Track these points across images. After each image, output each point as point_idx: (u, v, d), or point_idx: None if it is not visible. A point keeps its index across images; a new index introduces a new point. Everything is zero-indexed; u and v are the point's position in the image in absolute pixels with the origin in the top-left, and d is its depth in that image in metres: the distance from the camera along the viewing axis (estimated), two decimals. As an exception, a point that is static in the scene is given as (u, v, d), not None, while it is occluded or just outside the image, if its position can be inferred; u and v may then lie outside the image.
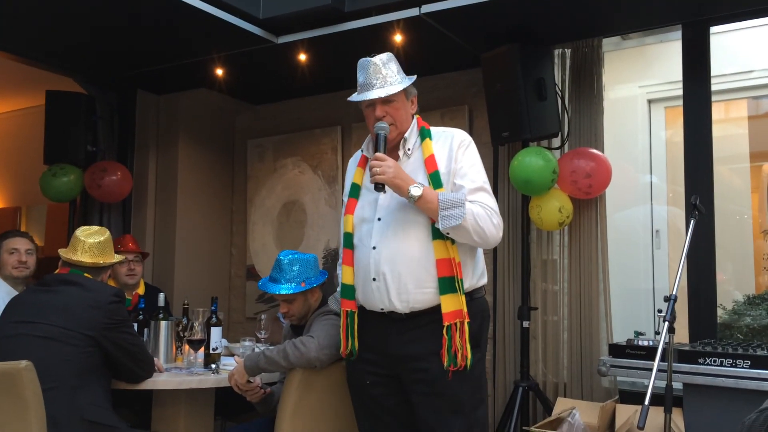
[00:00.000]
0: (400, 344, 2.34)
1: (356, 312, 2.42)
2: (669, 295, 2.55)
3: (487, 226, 2.27)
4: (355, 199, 2.48)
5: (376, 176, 2.26)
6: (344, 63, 4.41)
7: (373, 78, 2.40)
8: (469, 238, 2.26)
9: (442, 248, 2.28)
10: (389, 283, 2.31)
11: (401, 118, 2.42)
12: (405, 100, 2.44)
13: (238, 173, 5.38)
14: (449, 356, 2.25)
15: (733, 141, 4.53)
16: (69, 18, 3.70)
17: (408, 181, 2.26)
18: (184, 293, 4.38)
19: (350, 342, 2.42)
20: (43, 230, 6.94)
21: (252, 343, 3.34)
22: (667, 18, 3.73)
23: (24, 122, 6.42)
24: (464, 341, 2.24)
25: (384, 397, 2.43)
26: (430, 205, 2.24)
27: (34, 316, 2.67)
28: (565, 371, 3.83)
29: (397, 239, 2.32)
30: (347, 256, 2.43)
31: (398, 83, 2.39)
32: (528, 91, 3.68)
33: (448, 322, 2.25)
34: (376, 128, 2.38)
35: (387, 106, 2.39)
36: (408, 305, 2.31)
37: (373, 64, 2.42)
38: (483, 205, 2.30)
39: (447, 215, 2.21)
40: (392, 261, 2.31)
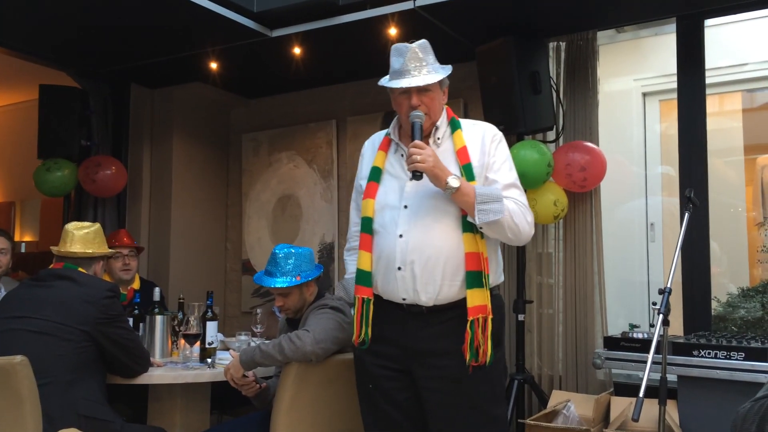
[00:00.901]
0: (418, 339, 2.27)
1: (372, 300, 2.32)
2: (663, 288, 2.55)
3: (522, 223, 2.25)
4: (376, 183, 2.40)
5: (416, 164, 2.19)
6: (339, 56, 4.43)
7: (411, 65, 2.31)
8: (502, 234, 2.24)
9: (472, 242, 2.22)
10: (416, 273, 2.24)
11: (435, 109, 2.35)
12: (439, 90, 2.37)
13: (233, 167, 5.37)
14: (471, 351, 2.19)
15: (728, 134, 4.54)
16: (62, 12, 3.67)
17: (446, 171, 2.21)
18: (180, 288, 4.38)
19: (363, 330, 2.32)
20: (37, 225, 6.92)
21: (248, 338, 3.34)
22: (661, 11, 3.73)
23: (17, 117, 6.39)
24: (486, 337, 2.19)
25: (395, 391, 2.35)
26: (467, 198, 2.18)
27: (28, 311, 2.66)
28: (560, 364, 3.84)
29: (426, 228, 2.26)
30: (365, 241, 2.33)
31: (436, 72, 2.32)
32: (523, 84, 3.68)
33: (473, 316, 2.19)
34: (411, 117, 2.30)
35: (423, 95, 2.32)
36: (433, 297, 2.25)
37: (411, 50, 2.32)
38: (517, 202, 2.27)
39: (485, 209, 2.17)
40: (421, 251, 2.24)
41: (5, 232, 3.81)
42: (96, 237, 2.93)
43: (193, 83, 4.89)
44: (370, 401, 2.42)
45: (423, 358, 2.27)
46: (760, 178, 4.35)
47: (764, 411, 1.43)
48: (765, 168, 4.35)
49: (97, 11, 3.66)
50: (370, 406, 2.43)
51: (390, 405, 2.37)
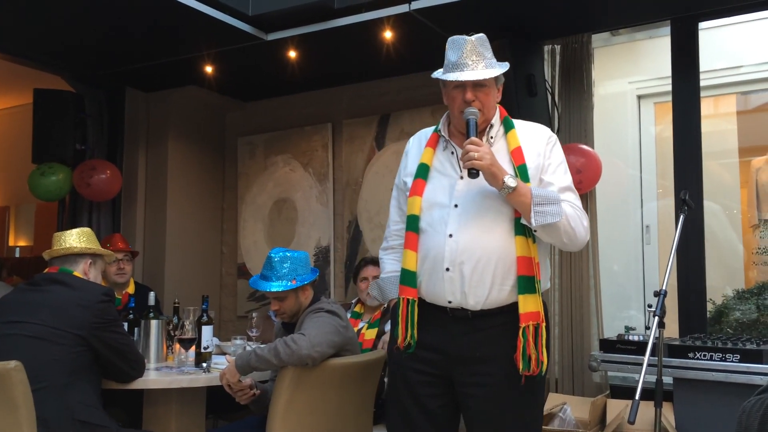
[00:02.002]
0: (462, 345, 2.17)
1: (417, 301, 2.21)
2: (659, 290, 2.55)
3: (578, 227, 2.16)
4: (424, 181, 2.27)
5: (473, 161, 2.09)
6: (334, 59, 4.44)
7: (468, 58, 2.20)
8: (558, 238, 2.16)
9: (525, 245, 2.14)
10: (465, 275, 2.14)
11: (489, 105, 2.26)
12: (495, 87, 2.28)
13: (229, 171, 5.36)
14: (524, 360, 2.09)
15: (722, 136, 4.56)
16: (57, 16, 3.67)
17: (503, 170, 2.12)
18: (175, 292, 4.37)
19: (409, 333, 2.20)
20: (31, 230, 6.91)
21: (243, 342, 3.33)
22: (655, 14, 3.74)
23: (12, 121, 6.39)
24: (540, 345, 2.10)
25: (429, 398, 2.23)
26: (524, 199, 2.09)
27: (23, 315, 2.65)
28: (556, 366, 3.84)
29: (478, 229, 2.16)
30: (411, 240, 2.22)
31: (493, 67, 2.22)
32: (518, 86, 3.68)
33: (525, 323, 2.10)
34: (466, 113, 2.20)
35: (478, 90, 2.21)
36: (481, 301, 2.15)
37: (469, 42, 2.21)
38: (573, 206, 2.18)
39: (542, 211, 2.08)
40: (472, 252, 2.14)
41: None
42: (91, 236, 2.94)
43: (189, 87, 4.89)
44: (400, 406, 2.29)
45: (466, 364, 2.18)
46: (755, 180, 4.36)
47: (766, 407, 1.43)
48: (759, 170, 4.36)
49: (91, 15, 3.66)
50: (400, 411, 2.30)
51: (421, 412, 2.24)
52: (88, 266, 2.88)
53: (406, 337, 2.20)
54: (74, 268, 2.83)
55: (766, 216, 4.30)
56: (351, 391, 2.82)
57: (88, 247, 2.88)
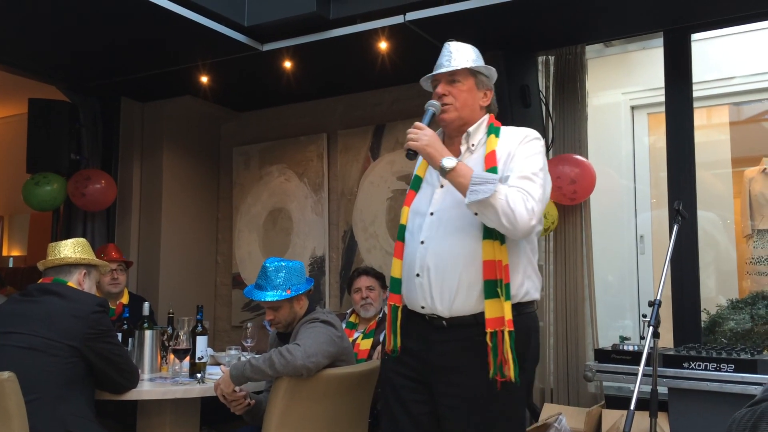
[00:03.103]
0: (439, 354, 2.19)
1: (400, 307, 2.28)
2: (653, 300, 2.56)
3: (519, 208, 2.05)
4: (415, 192, 2.36)
5: (408, 143, 2.15)
6: (329, 70, 4.45)
7: (443, 58, 2.29)
8: (496, 219, 2.06)
9: (490, 249, 2.12)
10: (432, 280, 2.17)
11: (463, 102, 2.27)
12: (474, 87, 2.30)
13: (224, 181, 5.36)
14: (494, 366, 2.08)
15: (715, 147, 4.58)
16: (52, 26, 3.67)
17: (443, 153, 2.13)
18: (169, 302, 4.35)
19: (394, 338, 2.27)
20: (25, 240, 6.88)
21: (238, 352, 3.32)
22: (648, 25, 3.77)
23: (6, 131, 6.38)
24: (505, 352, 2.07)
25: (413, 403, 2.26)
26: (462, 180, 2.09)
27: (16, 326, 2.64)
28: (551, 377, 3.84)
29: (446, 236, 2.19)
30: (398, 248, 2.31)
31: (466, 64, 2.27)
32: (512, 97, 3.70)
33: (491, 329, 2.09)
34: (427, 103, 2.26)
35: (450, 86, 2.27)
36: (447, 306, 2.16)
37: (447, 46, 2.31)
38: (521, 190, 2.10)
39: (475, 189, 2.05)
40: (438, 257, 2.18)
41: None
42: (85, 247, 2.93)
43: (184, 97, 4.89)
44: (390, 412, 2.33)
45: (443, 374, 2.19)
46: (748, 191, 4.39)
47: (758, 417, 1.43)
48: (752, 180, 4.38)
49: (86, 25, 3.66)
50: (390, 417, 2.34)
51: (406, 416, 2.28)
52: (83, 277, 2.87)
53: (391, 342, 2.28)
54: (69, 279, 2.82)
55: (759, 226, 4.33)
56: (346, 402, 2.81)
57: (83, 257, 2.87)
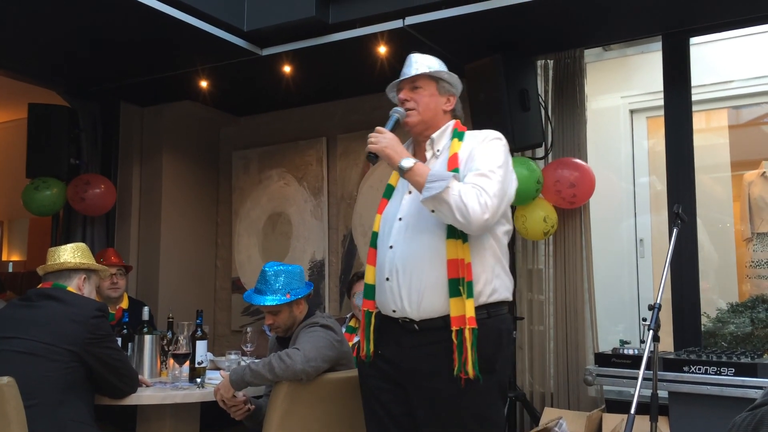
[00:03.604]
0: (411, 358, 2.23)
1: (374, 312, 2.33)
2: (653, 304, 2.56)
3: (472, 202, 2.09)
4: (387, 200, 2.43)
5: (368, 146, 2.22)
6: (329, 74, 4.45)
7: (405, 68, 2.38)
8: (451, 215, 2.11)
9: (453, 248, 2.17)
10: (401, 283, 2.22)
11: (425, 106, 2.34)
12: (436, 92, 2.37)
13: (223, 185, 5.36)
14: (459, 363, 2.11)
15: (715, 150, 4.59)
16: (52, 31, 3.68)
17: (402, 154, 2.20)
18: (169, 307, 4.35)
19: (367, 344, 2.33)
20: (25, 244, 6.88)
21: (237, 357, 3.31)
22: (647, 29, 3.77)
23: (6, 135, 6.38)
24: (467, 349, 2.10)
25: (393, 404, 2.31)
26: (419, 179, 2.15)
27: (15, 331, 2.63)
28: (551, 381, 3.83)
29: (413, 239, 2.24)
30: (371, 255, 2.37)
31: (427, 69, 2.35)
32: (511, 101, 3.70)
33: (456, 326, 2.13)
34: (392, 110, 2.34)
35: (413, 92, 2.35)
36: (416, 308, 2.20)
37: (409, 56, 2.40)
38: (476, 186, 2.14)
39: (429, 186, 2.11)
40: (405, 260, 2.23)
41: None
42: (85, 252, 2.93)
43: (183, 101, 4.89)
44: (374, 415, 2.38)
45: (416, 378, 2.23)
46: (747, 194, 4.39)
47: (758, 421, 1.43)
48: (752, 184, 4.39)
49: (86, 30, 3.67)
50: (373, 420, 2.39)
51: (390, 419, 2.33)
52: (83, 281, 2.86)
53: (363, 348, 2.33)
54: (68, 284, 2.82)
55: (758, 229, 4.33)
56: (346, 406, 2.80)
57: (83, 262, 2.87)
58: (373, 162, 2.27)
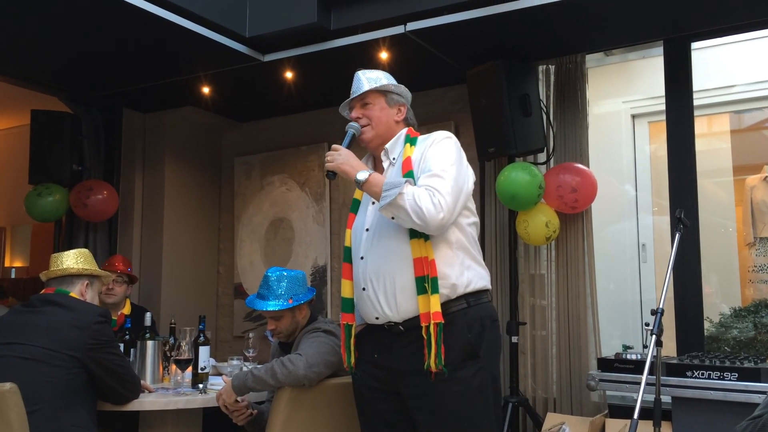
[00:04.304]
0: (399, 359, 2.29)
1: (353, 325, 2.40)
2: (656, 309, 2.56)
3: (426, 204, 2.16)
4: (354, 214, 2.50)
5: (326, 164, 2.32)
6: (330, 80, 4.45)
7: (354, 87, 2.50)
8: (408, 218, 2.18)
9: (417, 247, 2.23)
10: (377, 290, 2.30)
11: (377, 120, 2.45)
12: (385, 105, 2.48)
13: (225, 191, 5.37)
14: (429, 358, 2.18)
15: (716, 155, 4.59)
16: (54, 38, 3.69)
17: (357, 168, 2.28)
18: (171, 312, 4.35)
19: (348, 356, 2.40)
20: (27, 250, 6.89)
21: (240, 362, 3.32)
22: (648, 34, 3.78)
23: (9, 142, 6.39)
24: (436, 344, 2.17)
25: (388, 413, 2.37)
26: (376, 189, 2.23)
27: (17, 337, 2.63)
28: (554, 386, 3.83)
29: (381, 247, 2.32)
30: (346, 269, 2.42)
31: (374, 84, 2.46)
32: (513, 106, 3.71)
33: (425, 323, 2.19)
34: (347, 126, 2.45)
35: (364, 108, 2.47)
36: (398, 311, 2.27)
37: (356, 75, 2.51)
38: (429, 188, 2.21)
39: (385, 195, 2.18)
40: (377, 268, 2.31)
41: None
42: (88, 257, 2.93)
43: (185, 107, 4.90)
44: (370, 424, 2.44)
45: (405, 378, 2.28)
46: (749, 199, 4.38)
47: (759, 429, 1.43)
48: (754, 188, 4.38)
49: (89, 37, 3.68)
50: (369, 429, 2.45)
51: (386, 427, 2.38)
52: (85, 287, 2.87)
53: (345, 360, 2.41)
54: (71, 289, 2.82)
55: (761, 234, 4.32)
56: (348, 411, 2.79)
57: (85, 268, 2.88)
58: (331, 179, 2.36)
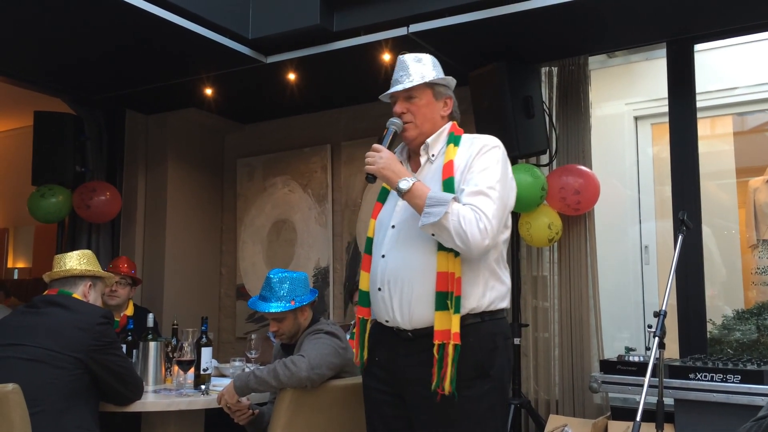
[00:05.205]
0: (405, 366, 2.20)
1: (368, 320, 2.30)
2: (658, 311, 2.55)
3: (471, 229, 2.04)
4: (381, 204, 2.37)
5: (366, 166, 2.18)
6: (333, 82, 4.47)
7: (398, 74, 2.29)
8: (451, 240, 2.07)
9: (444, 260, 2.12)
10: (392, 294, 2.19)
11: (423, 117, 2.28)
12: (432, 100, 2.30)
13: (228, 192, 5.37)
14: (438, 377, 2.08)
15: (719, 157, 4.58)
16: (57, 39, 3.70)
17: (400, 174, 2.14)
18: (174, 313, 4.35)
19: (361, 351, 2.31)
20: (30, 251, 6.90)
21: (242, 363, 3.32)
22: (651, 36, 3.78)
23: (12, 143, 6.41)
24: (447, 364, 2.07)
25: (392, 418, 2.27)
26: (418, 201, 2.10)
27: (21, 338, 2.63)
28: (556, 388, 3.82)
29: (405, 249, 2.20)
30: (366, 261, 2.32)
31: (421, 78, 2.26)
32: (515, 108, 3.71)
33: (438, 341, 2.09)
34: (388, 122, 2.27)
35: (408, 102, 2.27)
36: (407, 320, 2.17)
37: (401, 60, 2.30)
38: (474, 208, 2.08)
39: (428, 212, 2.06)
40: (397, 271, 2.19)
41: None
42: (91, 259, 2.93)
43: (188, 109, 4.91)
44: (375, 428, 2.36)
45: (410, 386, 2.20)
46: (752, 201, 4.37)
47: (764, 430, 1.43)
48: (757, 190, 4.37)
49: (91, 38, 3.69)
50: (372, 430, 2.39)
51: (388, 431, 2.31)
52: (88, 289, 2.87)
53: (358, 356, 2.31)
54: (74, 291, 2.83)
55: (764, 236, 4.31)
56: (350, 413, 2.80)
57: (88, 269, 2.88)
58: (371, 182, 2.22)
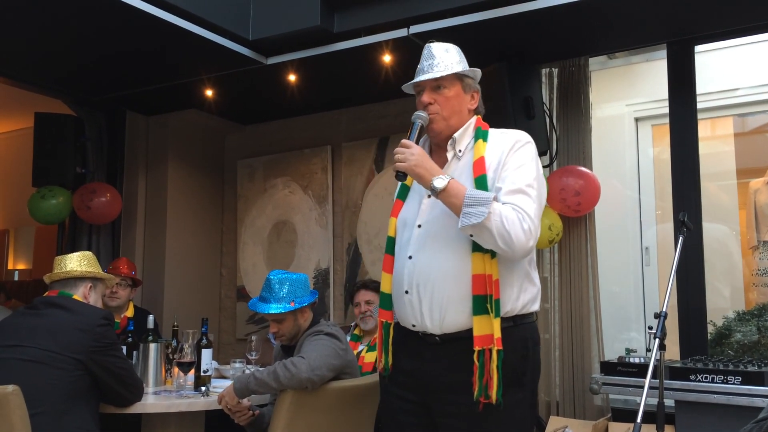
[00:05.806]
0: (433, 372, 2.07)
1: (392, 324, 2.17)
2: (659, 312, 2.55)
3: (515, 229, 1.94)
4: (402, 201, 2.23)
5: (396, 164, 2.04)
6: (334, 83, 4.47)
7: (426, 62, 2.18)
8: (493, 242, 1.95)
9: (480, 263, 2.00)
10: (422, 297, 2.05)
11: (451, 109, 2.16)
12: (461, 92, 2.19)
13: (228, 193, 5.38)
14: (480, 385, 1.96)
15: (720, 158, 4.57)
16: (58, 40, 3.70)
17: (433, 171, 2.01)
18: (174, 315, 4.35)
19: (385, 357, 2.17)
20: (30, 253, 6.90)
21: (242, 365, 3.31)
22: (652, 37, 3.78)
23: (12, 144, 6.41)
24: (491, 371, 1.95)
25: (410, 427, 2.14)
26: (455, 200, 1.97)
27: (21, 339, 2.64)
28: (557, 389, 3.82)
29: (435, 250, 2.06)
30: (387, 262, 2.18)
31: (451, 69, 2.16)
32: (516, 109, 3.70)
33: (479, 347, 1.97)
34: (414, 116, 2.14)
35: (436, 93, 2.15)
36: (438, 324, 2.04)
37: (429, 49, 2.20)
38: (516, 207, 1.97)
39: (468, 212, 1.93)
40: (427, 273, 2.05)
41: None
42: (91, 260, 2.93)
43: (189, 110, 4.91)
44: None
45: (438, 392, 2.07)
46: (753, 202, 4.37)
47: None
48: (757, 192, 4.37)
49: (93, 40, 3.69)
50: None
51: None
52: (88, 290, 2.87)
53: (381, 361, 2.17)
54: (74, 292, 2.83)
55: (765, 237, 4.31)
56: (350, 415, 2.80)
57: (89, 270, 2.88)
58: (401, 180, 2.10)
